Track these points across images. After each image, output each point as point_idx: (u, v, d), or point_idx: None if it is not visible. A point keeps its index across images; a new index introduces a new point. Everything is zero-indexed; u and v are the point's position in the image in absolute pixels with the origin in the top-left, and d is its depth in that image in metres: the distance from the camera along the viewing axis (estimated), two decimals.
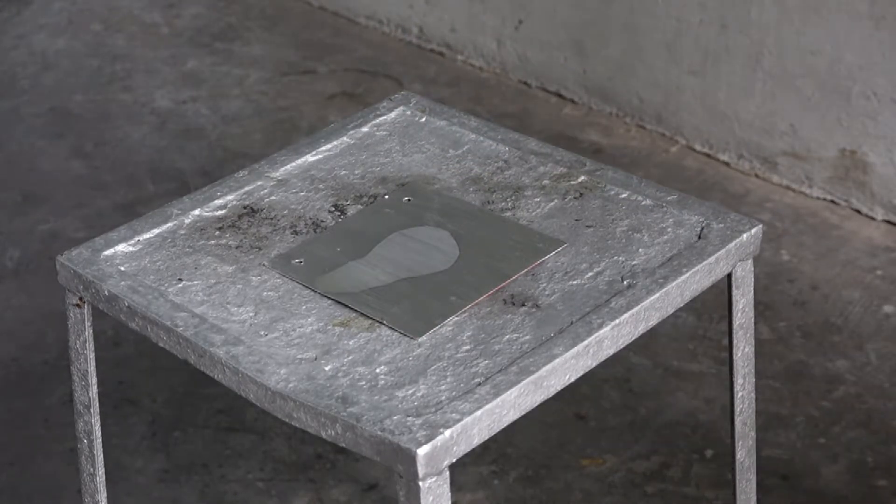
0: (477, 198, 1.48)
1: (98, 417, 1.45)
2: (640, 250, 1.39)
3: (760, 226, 1.41)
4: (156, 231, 1.45)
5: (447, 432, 1.16)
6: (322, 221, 1.46)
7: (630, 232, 1.42)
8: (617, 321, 1.29)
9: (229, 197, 1.50)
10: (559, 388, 1.25)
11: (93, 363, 1.43)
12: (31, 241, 2.64)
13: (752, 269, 1.43)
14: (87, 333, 1.41)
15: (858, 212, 2.61)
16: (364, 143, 1.59)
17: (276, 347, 1.28)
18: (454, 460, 1.18)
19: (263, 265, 1.39)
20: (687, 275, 1.34)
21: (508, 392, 1.21)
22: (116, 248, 1.42)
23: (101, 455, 1.47)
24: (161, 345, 1.32)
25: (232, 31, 3.37)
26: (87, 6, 3.49)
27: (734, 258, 1.39)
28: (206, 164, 2.85)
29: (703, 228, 1.41)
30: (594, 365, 1.28)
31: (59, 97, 3.11)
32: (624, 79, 2.90)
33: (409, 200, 1.48)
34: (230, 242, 1.43)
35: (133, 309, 1.33)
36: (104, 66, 3.23)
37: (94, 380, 1.43)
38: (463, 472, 2.07)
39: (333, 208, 1.48)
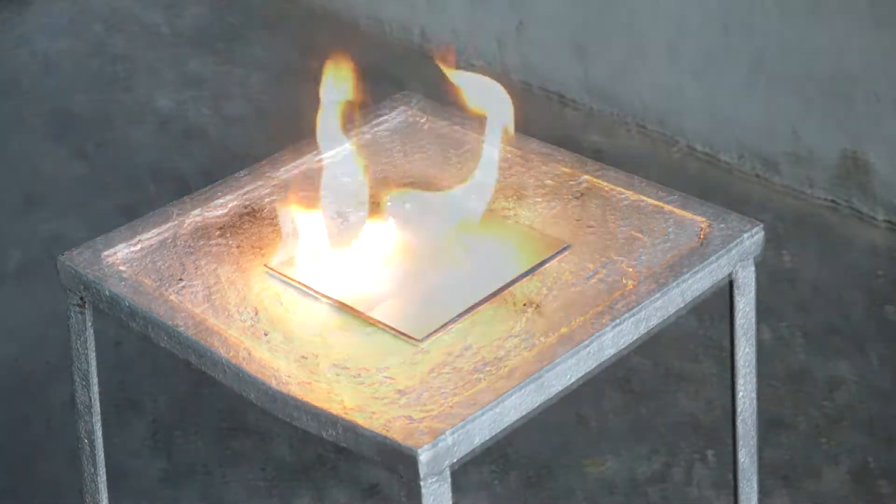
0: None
1: (99, 418, 1.45)
2: (642, 252, 1.39)
3: (762, 228, 1.41)
4: (157, 232, 1.45)
5: (448, 434, 1.16)
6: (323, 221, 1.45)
7: (631, 233, 1.42)
8: (618, 323, 1.29)
9: (230, 198, 1.50)
10: (560, 389, 1.25)
11: (94, 364, 1.43)
12: (32, 242, 2.63)
13: (754, 270, 1.43)
14: (87, 334, 1.41)
15: (860, 214, 2.61)
16: (365, 144, 1.59)
17: (277, 348, 1.28)
18: (455, 462, 1.17)
19: (264, 266, 1.39)
20: (688, 276, 1.34)
21: (510, 394, 1.21)
22: (117, 248, 1.42)
23: (102, 456, 1.47)
24: (162, 345, 1.32)
25: (233, 31, 3.37)
26: (88, 7, 3.49)
27: (735, 260, 1.39)
28: (206, 165, 2.85)
29: (704, 230, 1.41)
30: (595, 366, 1.28)
31: (60, 98, 3.11)
32: (625, 81, 2.90)
33: (410, 201, 1.47)
34: (231, 243, 1.43)
35: (134, 310, 1.33)
36: (105, 67, 3.22)
37: (95, 381, 1.43)
38: (464, 473, 2.07)
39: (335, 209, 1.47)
